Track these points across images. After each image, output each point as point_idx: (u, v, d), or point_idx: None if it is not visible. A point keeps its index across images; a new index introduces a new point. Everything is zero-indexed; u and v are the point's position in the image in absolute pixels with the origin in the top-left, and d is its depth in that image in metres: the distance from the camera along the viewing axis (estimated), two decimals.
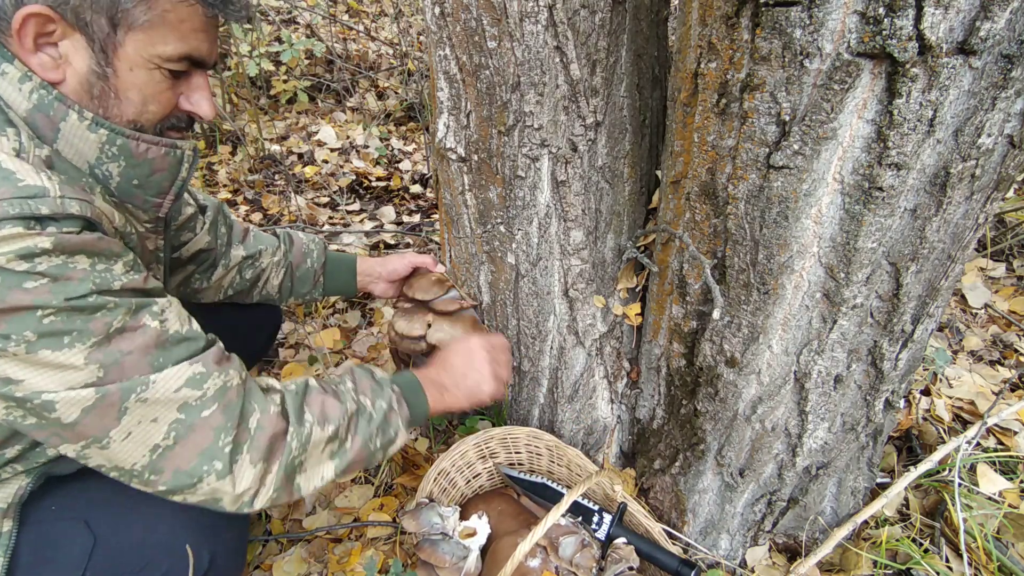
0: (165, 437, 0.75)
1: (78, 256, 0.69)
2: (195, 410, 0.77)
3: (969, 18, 0.70)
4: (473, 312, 1.41)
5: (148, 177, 0.84)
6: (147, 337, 0.74)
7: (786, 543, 1.31)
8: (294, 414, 0.85)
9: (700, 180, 1.00)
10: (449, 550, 1.17)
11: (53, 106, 0.73)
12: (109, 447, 0.73)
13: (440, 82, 1.13)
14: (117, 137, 0.78)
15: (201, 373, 0.78)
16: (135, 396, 0.72)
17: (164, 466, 0.76)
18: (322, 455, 0.88)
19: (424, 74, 3.37)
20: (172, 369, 0.75)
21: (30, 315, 0.65)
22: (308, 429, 0.85)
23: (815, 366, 1.03)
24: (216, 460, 0.77)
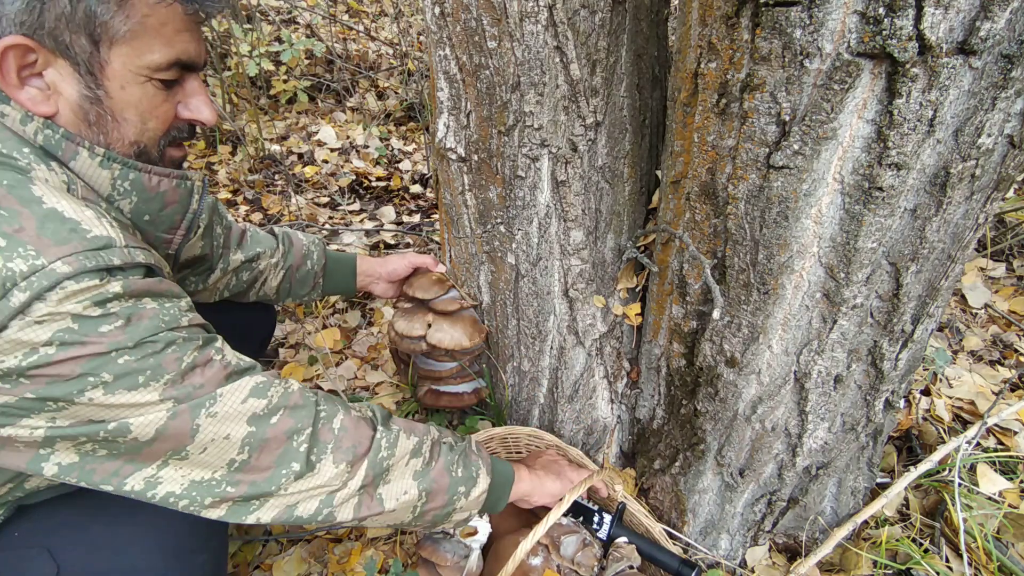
0: (240, 451, 0.75)
1: (145, 299, 0.70)
2: (263, 420, 0.77)
3: (969, 18, 0.70)
4: (473, 312, 1.41)
5: (160, 212, 0.82)
6: (215, 369, 0.75)
7: (786, 543, 1.31)
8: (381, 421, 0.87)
9: (700, 180, 1.00)
10: (451, 549, 1.17)
11: (62, 145, 0.71)
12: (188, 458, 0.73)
13: (440, 82, 1.13)
14: (129, 172, 0.76)
15: (263, 383, 0.78)
16: (205, 411, 0.72)
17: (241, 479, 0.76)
18: (407, 468, 0.88)
19: (424, 74, 3.37)
20: (236, 383, 0.76)
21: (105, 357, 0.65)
22: (395, 435, 0.87)
23: (815, 366, 1.03)
24: (293, 462, 0.78)
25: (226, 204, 2.76)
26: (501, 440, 1.36)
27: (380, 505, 0.86)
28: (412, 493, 0.88)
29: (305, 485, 0.79)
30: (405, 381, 1.64)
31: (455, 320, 1.37)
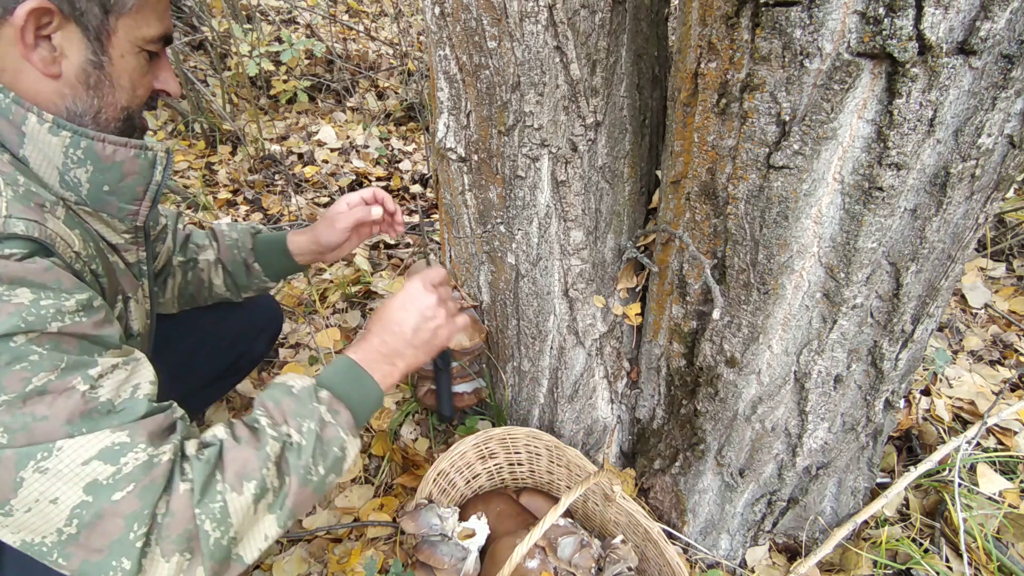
0: (67, 524, 0.61)
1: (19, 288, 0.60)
2: (105, 491, 0.62)
3: (969, 18, 0.70)
4: (473, 312, 1.41)
5: (119, 182, 0.79)
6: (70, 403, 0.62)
7: (786, 543, 1.31)
8: (200, 489, 0.67)
9: (700, 180, 1.00)
10: (448, 551, 1.16)
11: (11, 110, 0.69)
12: (12, 515, 0.61)
13: (440, 82, 1.13)
14: (81, 139, 0.73)
15: (122, 444, 0.64)
16: (33, 464, 0.59)
17: (73, 553, 0.62)
18: (255, 515, 0.72)
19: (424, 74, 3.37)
20: (86, 437, 0.62)
21: None
22: (220, 502, 0.68)
23: (815, 366, 1.03)
24: (124, 557, 0.62)
25: (226, 204, 2.76)
26: (499, 440, 1.36)
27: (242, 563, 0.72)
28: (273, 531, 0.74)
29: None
30: (405, 381, 1.64)
31: None
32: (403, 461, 1.56)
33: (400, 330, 0.90)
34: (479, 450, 1.36)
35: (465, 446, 1.33)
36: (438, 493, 1.32)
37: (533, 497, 1.38)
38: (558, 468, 1.35)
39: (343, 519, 1.47)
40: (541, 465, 1.38)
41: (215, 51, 3.06)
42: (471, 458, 1.36)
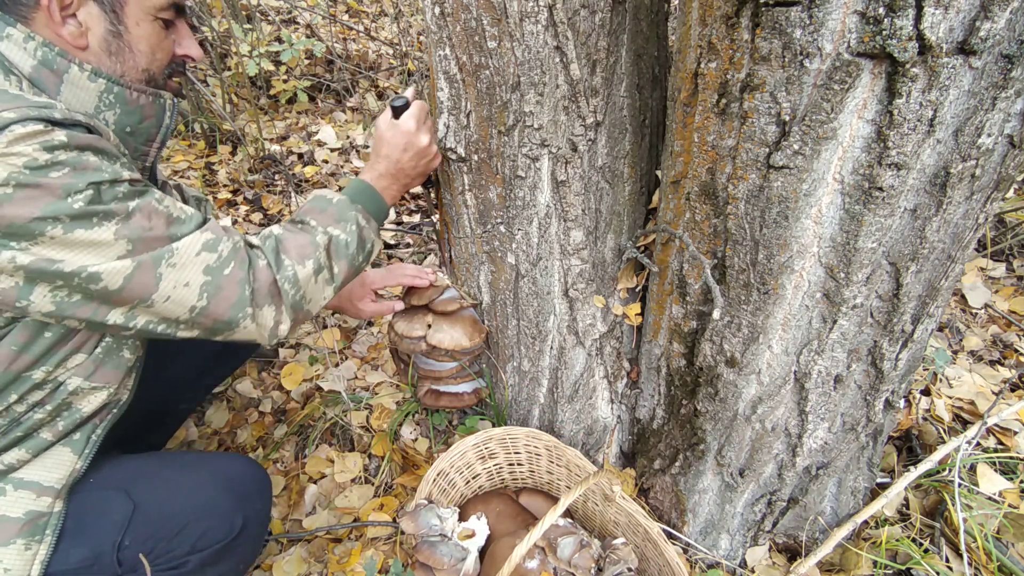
0: (199, 299, 0.87)
1: (87, 152, 0.79)
2: (217, 270, 0.88)
3: (969, 18, 0.70)
4: (473, 312, 1.41)
5: (139, 123, 0.95)
6: (161, 217, 0.85)
7: (786, 543, 1.31)
8: (275, 263, 0.95)
9: (700, 180, 1.00)
10: (447, 552, 1.16)
11: (56, 61, 0.84)
12: (153, 307, 0.85)
13: (440, 82, 1.13)
14: (113, 86, 0.89)
15: (212, 239, 0.89)
16: (165, 262, 0.83)
17: (203, 320, 0.89)
18: (317, 285, 1.00)
19: (424, 74, 3.36)
20: (188, 238, 0.86)
21: (61, 201, 0.75)
22: (292, 271, 0.96)
23: (815, 366, 1.03)
24: (247, 306, 0.91)
25: (226, 204, 2.76)
26: (499, 440, 1.36)
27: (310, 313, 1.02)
28: (329, 294, 1.04)
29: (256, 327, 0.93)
30: (405, 381, 1.64)
31: (455, 320, 1.37)
32: (403, 461, 1.56)
33: (402, 167, 1.14)
34: (479, 450, 1.36)
35: (465, 446, 1.33)
36: (438, 493, 1.32)
37: (533, 497, 1.38)
38: (558, 468, 1.35)
39: (343, 519, 1.47)
40: (541, 465, 1.38)
41: (215, 51, 3.05)
42: (471, 458, 1.36)
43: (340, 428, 1.66)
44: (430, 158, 1.17)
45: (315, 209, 1.05)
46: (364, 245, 1.08)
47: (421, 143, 1.13)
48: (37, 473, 0.92)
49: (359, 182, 1.13)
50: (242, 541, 1.02)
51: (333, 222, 1.04)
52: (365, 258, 1.10)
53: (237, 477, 1.07)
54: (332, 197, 1.08)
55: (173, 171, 2.94)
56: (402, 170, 1.14)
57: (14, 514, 0.89)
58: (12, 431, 0.89)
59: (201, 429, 1.72)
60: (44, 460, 0.94)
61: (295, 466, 1.59)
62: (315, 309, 1.02)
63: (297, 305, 0.98)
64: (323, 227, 1.03)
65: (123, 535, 0.94)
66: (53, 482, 0.93)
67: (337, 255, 1.03)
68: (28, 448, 0.92)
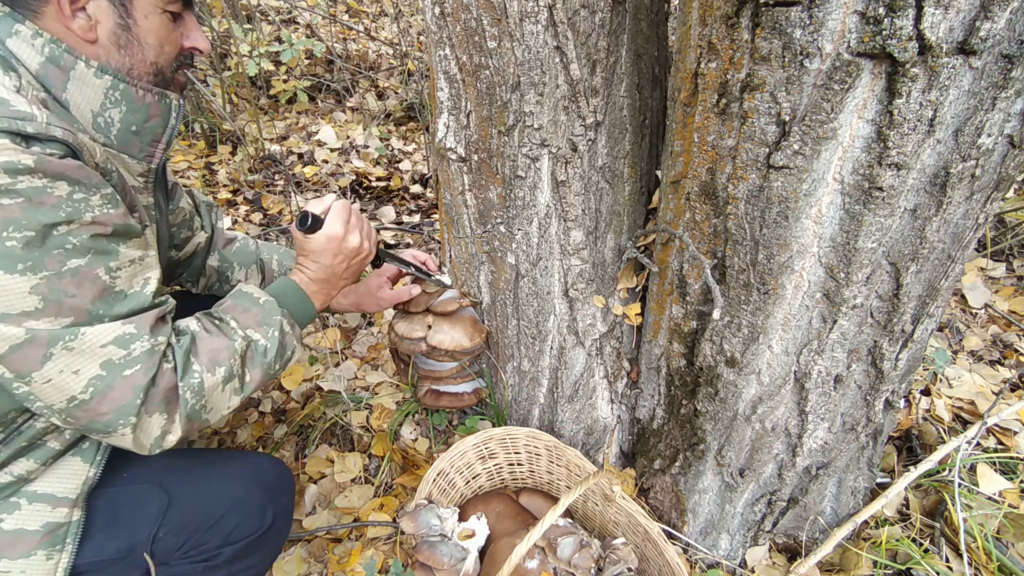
0: (83, 391, 0.78)
1: (59, 182, 0.73)
2: (118, 368, 0.79)
3: (969, 18, 0.70)
4: (473, 311, 1.41)
5: (145, 123, 0.93)
6: (95, 288, 0.77)
7: (786, 543, 1.31)
8: (181, 368, 0.86)
9: (700, 180, 1.00)
10: (447, 552, 1.16)
11: (63, 58, 0.83)
12: (31, 385, 0.76)
13: (440, 82, 1.13)
14: (119, 83, 0.88)
15: (131, 334, 0.81)
16: (62, 344, 0.75)
17: (78, 415, 0.80)
18: (223, 394, 0.92)
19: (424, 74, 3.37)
20: (103, 326, 0.78)
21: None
22: (198, 379, 0.87)
23: (815, 366, 1.03)
24: (131, 416, 0.81)
25: (226, 204, 2.76)
26: (499, 440, 1.36)
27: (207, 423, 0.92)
28: (235, 404, 0.95)
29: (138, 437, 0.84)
30: (405, 381, 1.64)
31: (455, 321, 1.37)
32: (403, 461, 1.56)
33: (335, 271, 1.10)
34: (479, 450, 1.36)
35: (465, 446, 1.33)
36: (438, 493, 1.32)
37: (533, 497, 1.38)
38: (558, 468, 1.35)
39: (343, 519, 1.47)
40: (541, 465, 1.38)
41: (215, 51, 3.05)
42: (471, 458, 1.36)
43: (340, 428, 1.66)
44: (363, 256, 1.13)
45: (238, 307, 0.98)
46: (283, 352, 1.00)
47: (351, 245, 1.09)
48: (50, 485, 0.92)
49: (289, 283, 1.07)
50: (271, 535, 1.05)
51: (255, 325, 0.97)
52: (282, 365, 1.02)
53: (265, 473, 1.08)
54: (259, 297, 1.01)
55: (173, 171, 2.94)
56: (334, 274, 1.10)
57: (32, 527, 0.89)
58: (14, 440, 0.88)
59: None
60: (56, 471, 0.92)
61: (295, 466, 1.60)
62: (214, 419, 0.93)
63: (195, 415, 0.88)
64: (243, 330, 0.95)
65: (158, 527, 0.96)
66: (68, 492, 0.92)
67: (252, 362, 0.96)
68: (36, 458, 0.90)
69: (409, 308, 1.40)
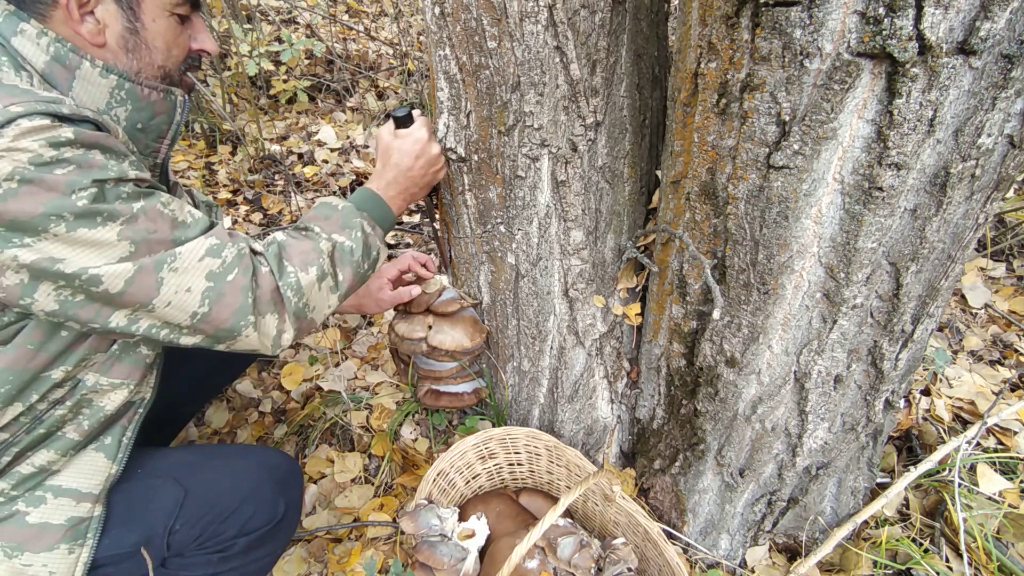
0: (201, 304, 0.85)
1: (94, 150, 0.78)
2: (221, 276, 0.87)
3: (969, 18, 0.70)
4: (473, 312, 1.41)
5: (150, 120, 0.95)
6: (166, 220, 0.84)
7: (786, 543, 1.31)
8: (277, 270, 0.93)
9: (700, 180, 1.00)
10: (447, 552, 1.16)
11: (68, 56, 0.84)
12: (155, 311, 0.84)
13: (440, 82, 1.13)
14: (125, 82, 0.89)
15: (216, 244, 0.88)
16: (167, 266, 0.82)
17: (205, 327, 0.87)
18: (321, 292, 0.98)
19: (424, 74, 3.37)
20: (192, 243, 0.85)
21: (64, 198, 0.74)
22: (294, 279, 0.94)
23: (815, 366, 1.03)
24: (248, 314, 0.89)
25: (226, 204, 2.76)
26: (499, 440, 1.36)
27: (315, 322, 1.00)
28: (334, 303, 1.03)
29: (258, 336, 0.91)
30: (405, 381, 1.64)
31: (455, 321, 1.37)
32: (403, 461, 1.56)
33: (412, 175, 1.15)
34: (479, 450, 1.36)
35: (465, 446, 1.33)
36: (438, 493, 1.32)
37: (533, 497, 1.38)
38: (558, 468, 1.35)
39: (343, 519, 1.47)
40: (541, 465, 1.38)
41: None
42: (471, 458, 1.36)
43: (340, 428, 1.66)
44: (439, 167, 1.19)
45: (319, 216, 1.04)
46: (369, 252, 1.07)
47: (433, 151, 1.16)
48: (75, 480, 0.94)
49: (366, 190, 1.12)
50: (283, 526, 1.08)
51: (338, 229, 1.03)
52: (371, 265, 1.09)
53: (276, 466, 1.11)
54: (338, 204, 1.07)
55: (173, 171, 2.94)
56: (412, 179, 1.15)
57: (57, 521, 0.91)
58: (35, 428, 0.90)
59: (201, 429, 1.72)
60: (80, 466, 0.95)
61: None
62: (319, 318, 1.00)
63: (300, 313, 0.96)
64: (327, 234, 1.02)
65: (175, 520, 0.98)
66: (91, 488, 0.95)
67: (341, 262, 1.02)
68: (56, 448, 0.92)
69: (410, 309, 1.40)
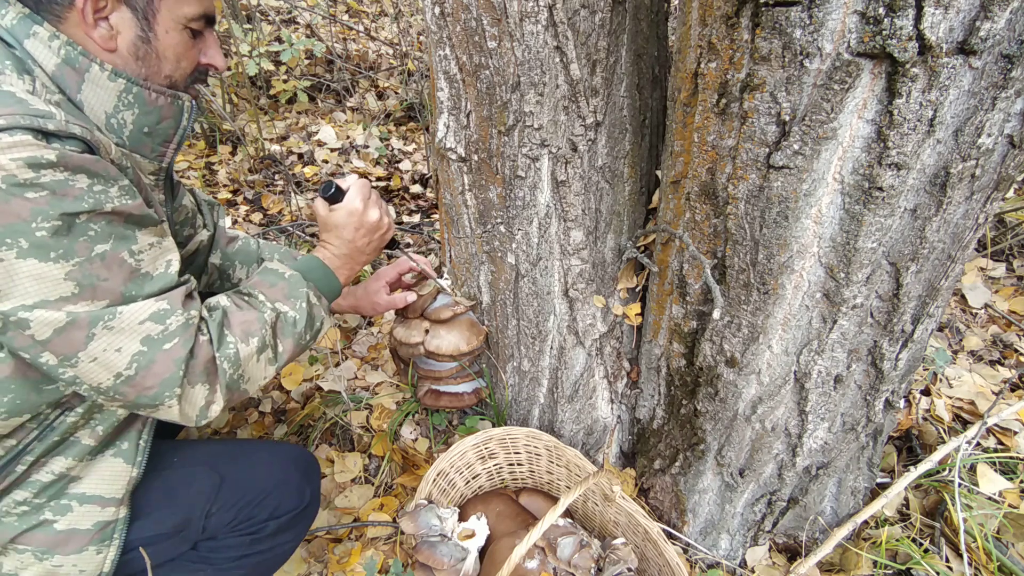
0: (127, 367, 0.82)
1: (79, 175, 0.76)
2: (157, 343, 0.83)
3: (969, 18, 0.70)
4: (470, 315, 1.41)
5: (157, 124, 0.95)
6: (123, 270, 0.81)
7: (786, 543, 1.31)
8: (216, 339, 0.91)
9: (700, 180, 1.00)
10: (447, 552, 1.16)
11: (78, 60, 0.84)
12: (77, 367, 0.80)
13: (440, 82, 1.13)
14: (132, 86, 0.89)
15: (165, 310, 0.84)
16: (102, 323, 0.79)
17: (126, 391, 0.83)
18: (259, 364, 0.96)
19: (424, 74, 3.37)
20: (138, 304, 0.82)
21: (25, 224, 0.72)
22: (233, 350, 0.91)
23: (815, 366, 1.03)
24: (175, 387, 0.85)
25: (226, 204, 2.76)
26: (499, 441, 1.36)
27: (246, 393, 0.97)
28: (271, 374, 1.00)
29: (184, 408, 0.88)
30: (405, 381, 1.64)
31: (451, 326, 1.37)
32: (403, 461, 1.56)
33: (356, 246, 1.12)
34: (479, 450, 1.36)
35: (465, 446, 1.33)
36: (438, 493, 1.32)
37: (533, 497, 1.38)
38: (558, 468, 1.35)
39: (343, 519, 1.46)
40: (541, 465, 1.38)
41: None
42: (471, 458, 1.36)
43: (340, 428, 1.66)
44: (382, 231, 1.15)
45: (264, 283, 1.02)
46: (312, 323, 1.05)
47: (371, 219, 1.11)
48: (98, 487, 0.96)
49: (312, 259, 1.10)
50: (307, 512, 1.15)
51: (283, 298, 1.01)
52: (312, 336, 1.06)
53: (300, 457, 1.16)
54: (284, 272, 1.04)
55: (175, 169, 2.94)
56: (356, 249, 1.12)
57: (84, 526, 0.94)
58: (47, 435, 0.90)
59: (201, 430, 1.72)
60: (101, 473, 0.97)
61: None
62: (252, 389, 0.97)
63: (234, 385, 0.92)
64: (271, 302, 1.00)
65: (212, 504, 1.04)
66: (114, 492, 0.97)
67: (283, 333, 1.00)
68: (71, 455, 0.93)
69: (406, 314, 1.40)
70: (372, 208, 1.12)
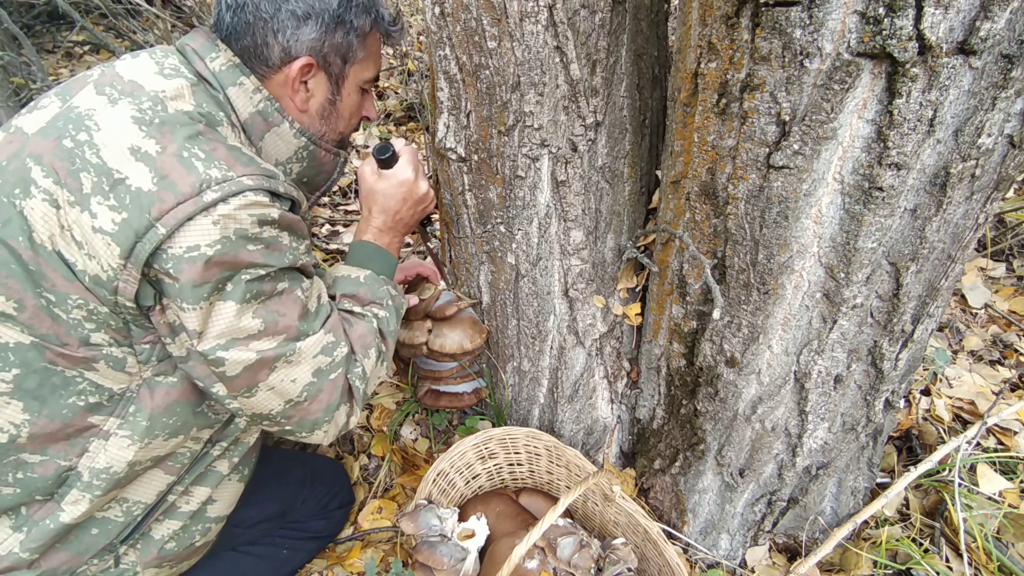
0: (299, 395, 0.91)
1: (285, 231, 0.85)
2: (325, 374, 0.92)
3: (969, 18, 0.70)
4: (472, 312, 1.41)
5: (316, 176, 1.06)
6: (297, 307, 0.88)
7: (786, 543, 1.31)
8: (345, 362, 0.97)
9: (700, 180, 1.00)
10: (447, 552, 1.16)
11: (273, 115, 0.94)
12: (254, 396, 0.88)
13: (440, 82, 1.13)
14: (311, 145, 1.00)
15: (332, 342, 0.93)
16: (284, 359, 0.87)
17: (293, 414, 0.92)
18: (377, 370, 1.05)
19: (424, 74, 3.36)
20: (312, 338, 0.90)
21: (236, 272, 0.79)
22: (360, 367, 0.99)
23: (815, 366, 1.03)
24: (334, 411, 0.95)
25: None
26: (499, 440, 1.36)
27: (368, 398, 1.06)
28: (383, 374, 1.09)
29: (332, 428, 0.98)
30: (405, 381, 1.64)
31: (454, 324, 1.36)
32: (403, 461, 1.56)
33: (401, 218, 1.14)
34: (479, 450, 1.36)
35: (465, 446, 1.33)
36: (438, 493, 1.32)
37: (533, 497, 1.38)
38: (558, 468, 1.35)
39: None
40: (541, 465, 1.38)
41: None
42: (471, 458, 1.36)
43: None
44: (427, 204, 1.17)
45: (347, 293, 1.06)
46: (399, 313, 1.12)
47: (420, 191, 1.13)
48: (227, 507, 1.08)
49: (366, 245, 1.11)
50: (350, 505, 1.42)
51: (372, 303, 1.07)
52: (399, 322, 1.13)
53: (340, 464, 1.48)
54: (358, 275, 1.07)
55: None
56: (401, 221, 1.14)
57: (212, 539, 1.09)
58: (196, 468, 0.99)
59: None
60: (227, 496, 1.07)
61: None
62: (371, 391, 1.06)
63: (364, 397, 1.01)
64: (369, 311, 1.06)
65: (305, 488, 1.28)
66: (230, 509, 1.09)
67: (387, 334, 1.07)
68: (209, 483, 1.03)
69: (408, 316, 1.40)
70: (422, 179, 1.13)
